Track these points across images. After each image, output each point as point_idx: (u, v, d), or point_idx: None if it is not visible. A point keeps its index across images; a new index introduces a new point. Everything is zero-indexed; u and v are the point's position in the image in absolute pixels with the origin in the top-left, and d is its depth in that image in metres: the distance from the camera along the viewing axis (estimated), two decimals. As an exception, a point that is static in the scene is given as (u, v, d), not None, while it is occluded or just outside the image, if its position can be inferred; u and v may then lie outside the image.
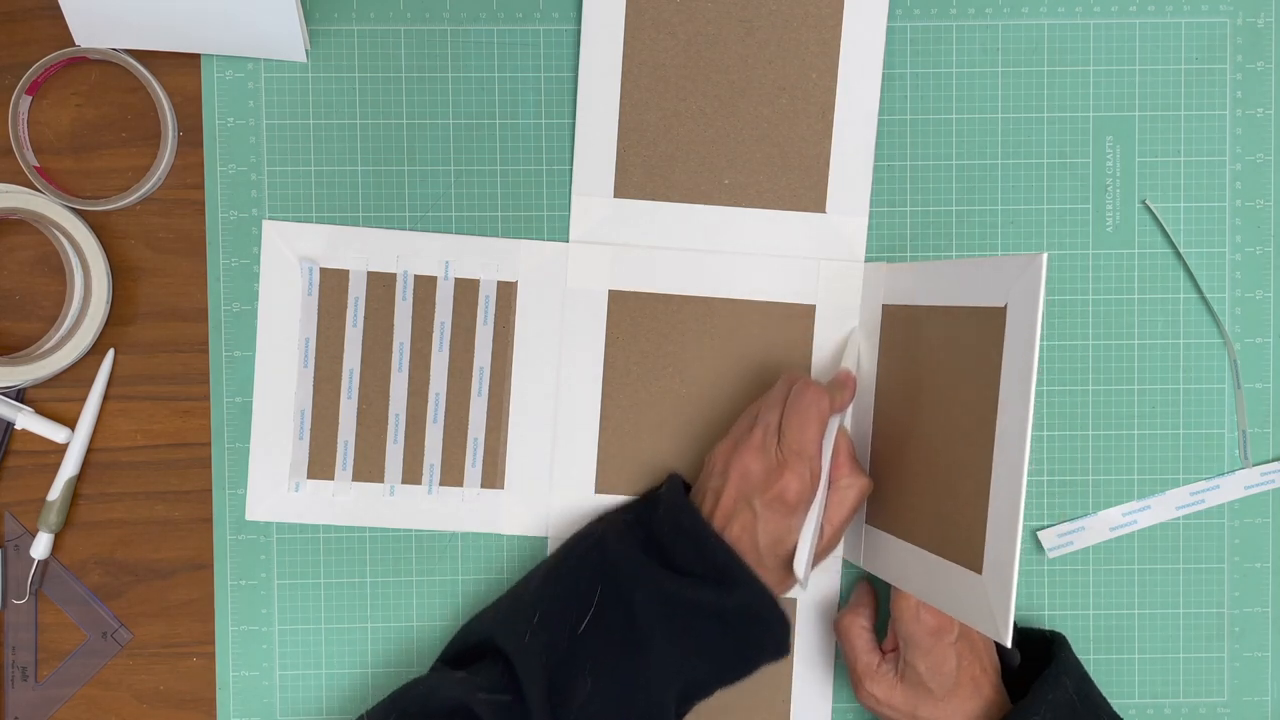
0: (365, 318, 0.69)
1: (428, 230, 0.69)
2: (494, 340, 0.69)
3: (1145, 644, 0.71)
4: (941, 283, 0.61)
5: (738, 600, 0.59)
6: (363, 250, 0.69)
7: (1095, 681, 0.65)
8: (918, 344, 0.63)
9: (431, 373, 0.69)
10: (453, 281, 0.69)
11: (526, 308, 0.69)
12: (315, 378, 0.69)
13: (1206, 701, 0.71)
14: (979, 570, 0.56)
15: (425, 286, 0.69)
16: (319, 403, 0.69)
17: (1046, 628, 0.69)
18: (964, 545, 0.57)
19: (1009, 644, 0.54)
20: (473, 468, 0.69)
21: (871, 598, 0.67)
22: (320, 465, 0.69)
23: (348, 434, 0.69)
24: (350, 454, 0.69)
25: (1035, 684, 0.62)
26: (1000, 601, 0.54)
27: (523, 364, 0.69)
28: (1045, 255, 0.53)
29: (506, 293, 0.69)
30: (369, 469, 0.69)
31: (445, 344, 0.69)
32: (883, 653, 0.65)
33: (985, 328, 0.57)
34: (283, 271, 0.68)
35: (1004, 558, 0.54)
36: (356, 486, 0.69)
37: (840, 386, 0.65)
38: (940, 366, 0.61)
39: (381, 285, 0.69)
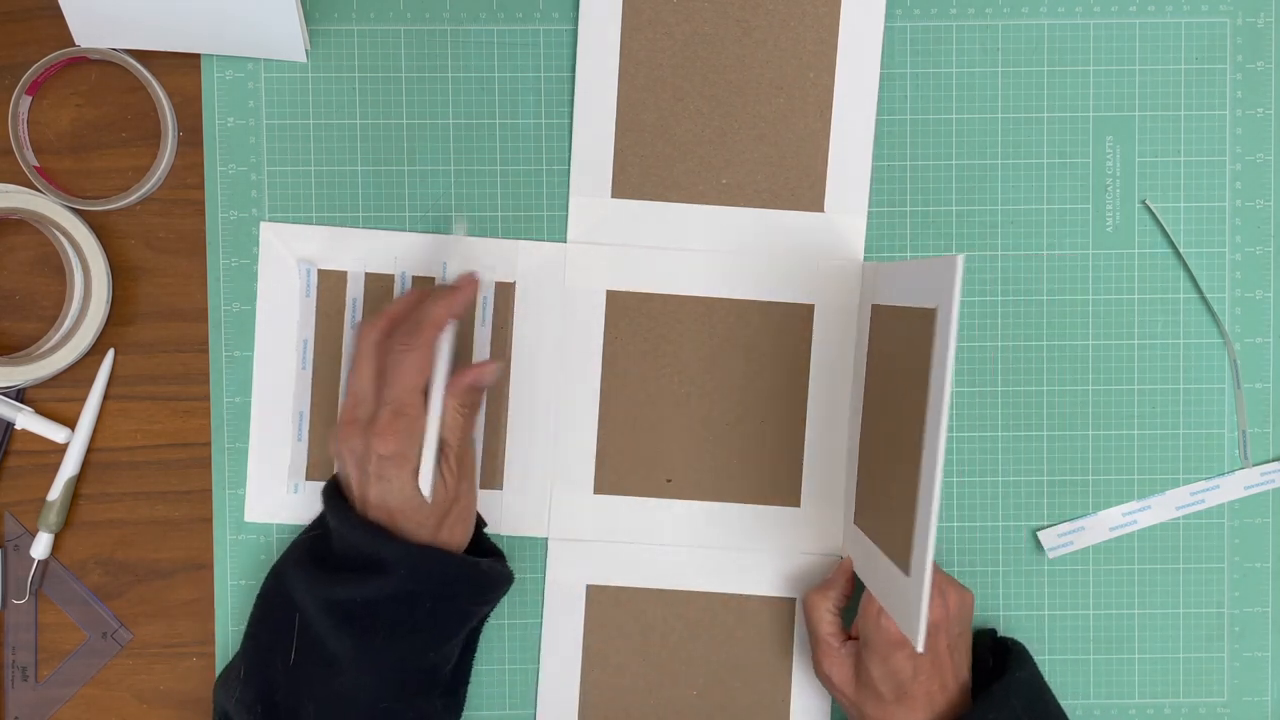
0: (362, 318, 0.69)
1: (427, 231, 0.69)
2: (492, 340, 0.69)
3: (1145, 644, 0.71)
4: (897, 283, 0.61)
5: (400, 582, 0.59)
6: (361, 251, 0.69)
7: (1054, 694, 0.65)
8: (885, 344, 0.63)
9: None
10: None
11: (525, 308, 0.69)
12: (313, 379, 0.69)
13: (1206, 701, 0.71)
14: (907, 571, 0.56)
15: (423, 287, 0.69)
16: (317, 404, 0.69)
17: (1010, 635, 0.69)
18: (900, 546, 0.57)
19: (920, 649, 0.53)
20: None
21: (845, 580, 0.66)
22: (319, 466, 0.69)
23: None
24: None
25: (977, 701, 0.62)
26: (915, 604, 0.53)
27: (521, 364, 0.69)
28: (962, 257, 0.52)
29: (505, 293, 0.69)
30: None
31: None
32: (845, 637, 0.65)
33: (922, 329, 0.57)
34: (281, 273, 0.68)
35: (921, 559, 0.53)
36: None
37: (451, 294, 0.63)
38: (892, 367, 0.61)
39: (380, 286, 0.68)
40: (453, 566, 0.61)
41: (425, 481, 0.60)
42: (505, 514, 0.69)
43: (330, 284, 0.69)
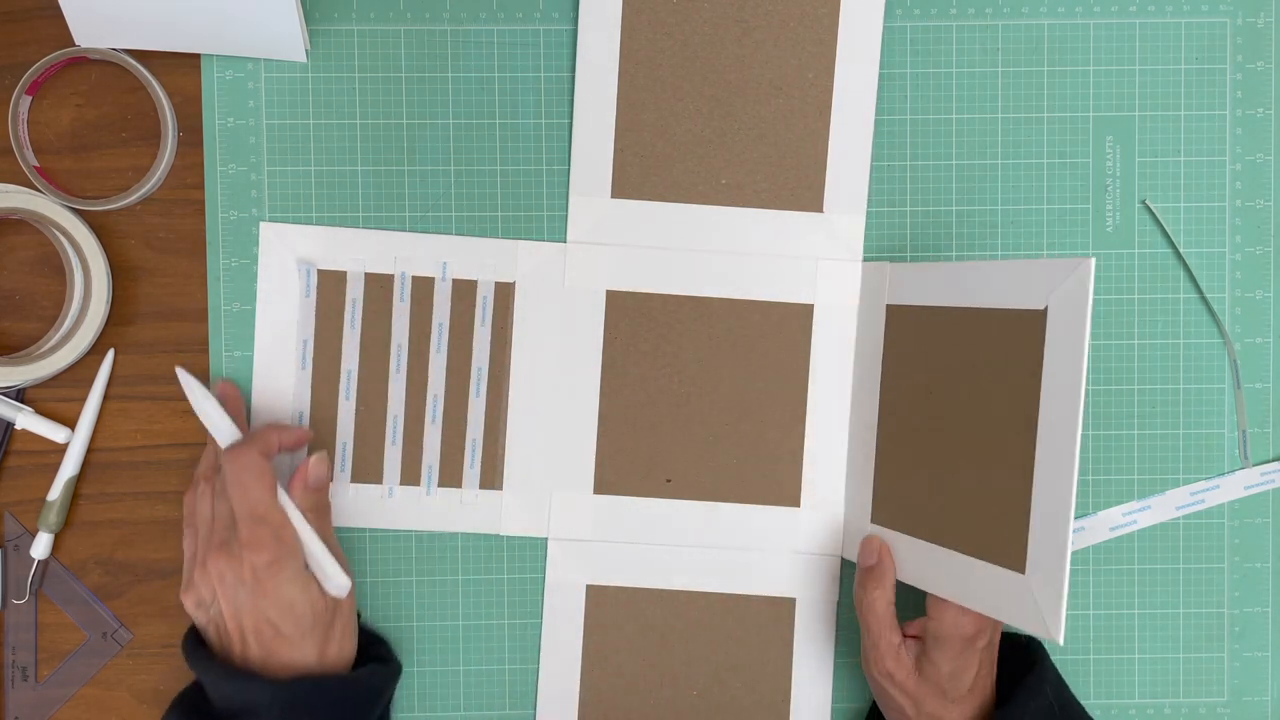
0: (363, 319, 0.69)
1: (427, 231, 0.69)
2: (492, 341, 0.69)
3: (1145, 644, 0.71)
4: (965, 284, 0.61)
5: None
6: (361, 252, 0.68)
7: (1072, 687, 0.65)
8: (936, 345, 0.63)
9: (430, 374, 0.69)
10: (450, 283, 0.69)
11: (524, 308, 0.69)
12: (313, 380, 0.69)
13: (1206, 701, 0.71)
14: (1022, 570, 0.56)
15: (423, 288, 0.69)
16: (317, 405, 0.69)
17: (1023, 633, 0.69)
18: (1003, 545, 0.57)
19: (1061, 642, 0.54)
20: (471, 469, 0.69)
21: (893, 567, 0.64)
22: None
23: (346, 436, 0.69)
24: (349, 456, 0.69)
25: (1019, 691, 0.62)
26: (1050, 600, 0.54)
27: (521, 365, 0.69)
28: (1092, 260, 0.53)
29: (504, 293, 0.69)
30: (367, 470, 0.69)
31: (443, 345, 0.69)
32: (904, 634, 0.63)
33: (1021, 329, 0.57)
34: (281, 273, 0.68)
35: (1053, 556, 0.54)
36: (355, 488, 0.69)
37: (263, 434, 0.62)
38: (964, 367, 0.61)
39: (379, 287, 0.68)
40: (331, 692, 0.58)
41: (335, 573, 0.58)
42: (505, 515, 0.69)
43: (330, 284, 0.69)
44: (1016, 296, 0.57)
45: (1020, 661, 0.65)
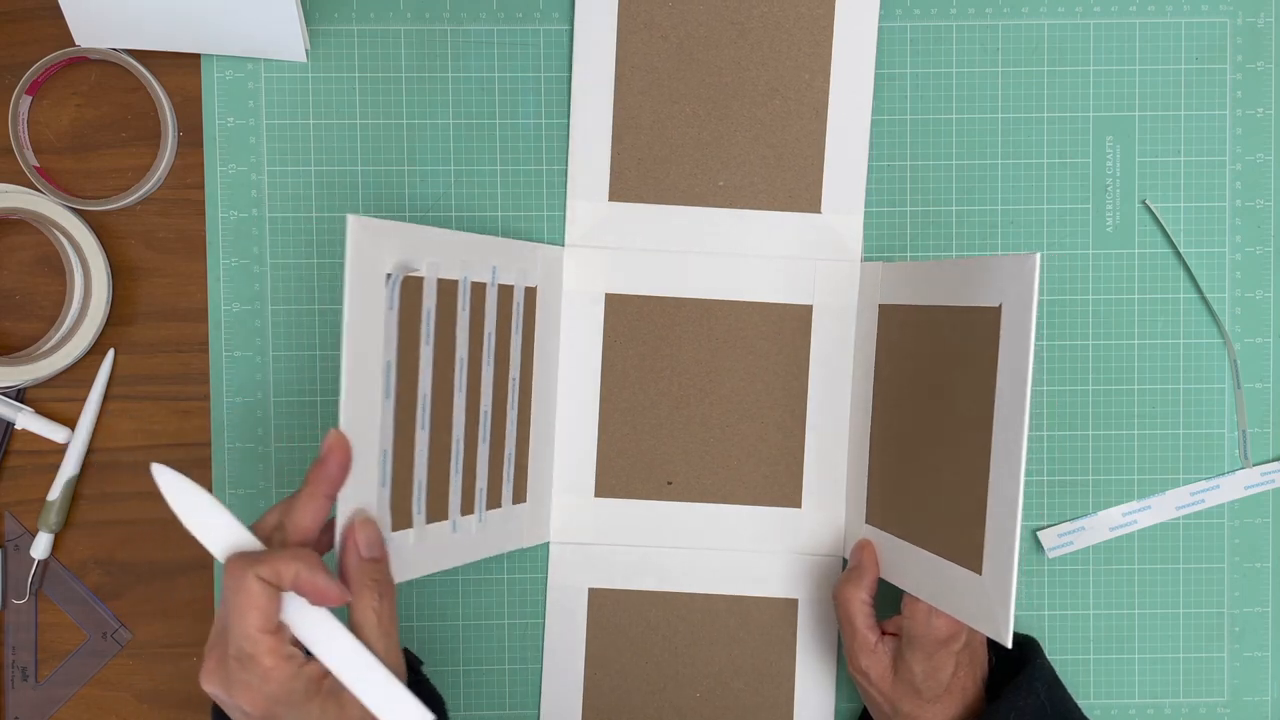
0: (435, 333, 0.59)
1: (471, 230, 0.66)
2: (522, 348, 0.66)
3: (1145, 644, 0.71)
4: (935, 282, 0.61)
5: None
6: (435, 253, 0.58)
7: (1067, 687, 0.65)
8: (914, 344, 0.63)
9: (482, 389, 0.63)
10: (497, 288, 0.63)
11: (540, 313, 0.68)
12: (396, 411, 0.56)
13: (1206, 701, 0.71)
14: (979, 570, 0.56)
15: (477, 294, 0.62)
16: (399, 440, 0.57)
17: (1020, 631, 0.69)
18: (964, 545, 0.57)
19: (1009, 645, 0.53)
20: (507, 485, 0.66)
21: (875, 567, 0.65)
22: (401, 514, 0.58)
23: (421, 472, 0.59)
24: (423, 494, 0.59)
25: (1006, 689, 0.62)
26: (1001, 602, 0.54)
27: (540, 371, 0.68)
28: (1039, 255, 0.53)
29: (530, 298, 0.67)
30: (437, 506, 0.60)
31: (491, 356, 0.63)
32: (881, 632, 0.64)
33: (979, 327, 0.57)
34: (371, 283, 0.54)
35: (1003, 557, 0.54)
36: (429, 530, 0.59)
37: (283, 561, 0.49)
38: (935, 366, 0.61)
39: (446, 294, 0.59)
40: None
41: (411, 712, 0.49)
42: (526, 528, 0.69)
43: (410, 293, 0.57)
44: (975, 294, 0.57)
45: (1016, 661, 0.65)
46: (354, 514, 0.53)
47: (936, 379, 0.61)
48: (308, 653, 0.50)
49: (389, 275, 0.55)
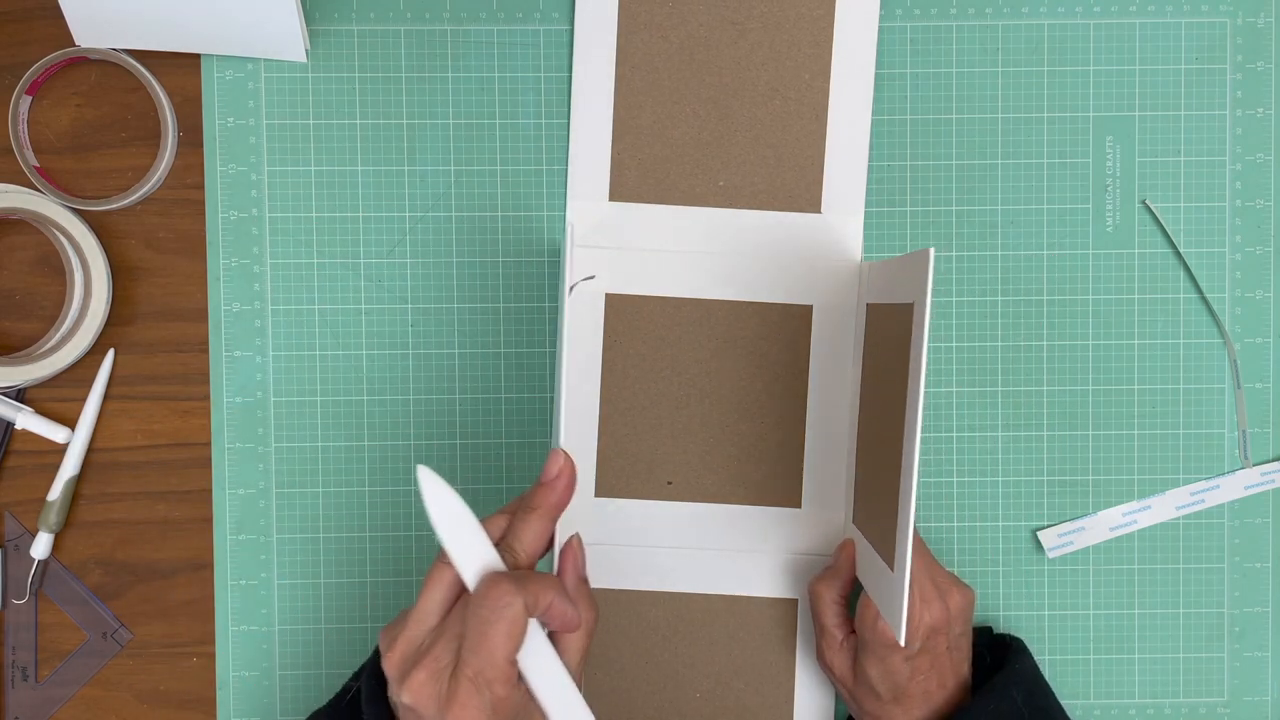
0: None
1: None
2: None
3: (1145, 644, 0.71)
4: (883, 281, 0.62)
5: None
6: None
7: (1053, 689, 0.65)
8: (877, 342, 0.63)
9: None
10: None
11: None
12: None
13: (1206, 701, 0.71)
14: (893, 567, 0.56)
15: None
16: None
17: (1008, 632, 0.69)
18: (887, 542, 0.57)
19: (903, 643, 0.53)
20: None
21: (849, 565, 0.65)
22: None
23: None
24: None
25: (978, 694, 0.61)
26: (898, 598, 0.54)
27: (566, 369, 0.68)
28: (931, 250, 0.52)
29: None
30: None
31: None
32: (849, 629, 0.65)
33: (902, 324, 0.57)
34: (575, 293, 0.55)
35: (901, 553, 0.54)
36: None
37: (542, 587, 0.50)
38: (885, 364, 0.61)
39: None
40: None
41: None
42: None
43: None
44: (901, 291, 0.58)
45: (1002, 664, 0.64)
46: (572, 535, 0.54)
47: (884, 377, 0.61)
48: None
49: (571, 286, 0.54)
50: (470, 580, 0.50)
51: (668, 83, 0.68)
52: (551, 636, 0.52)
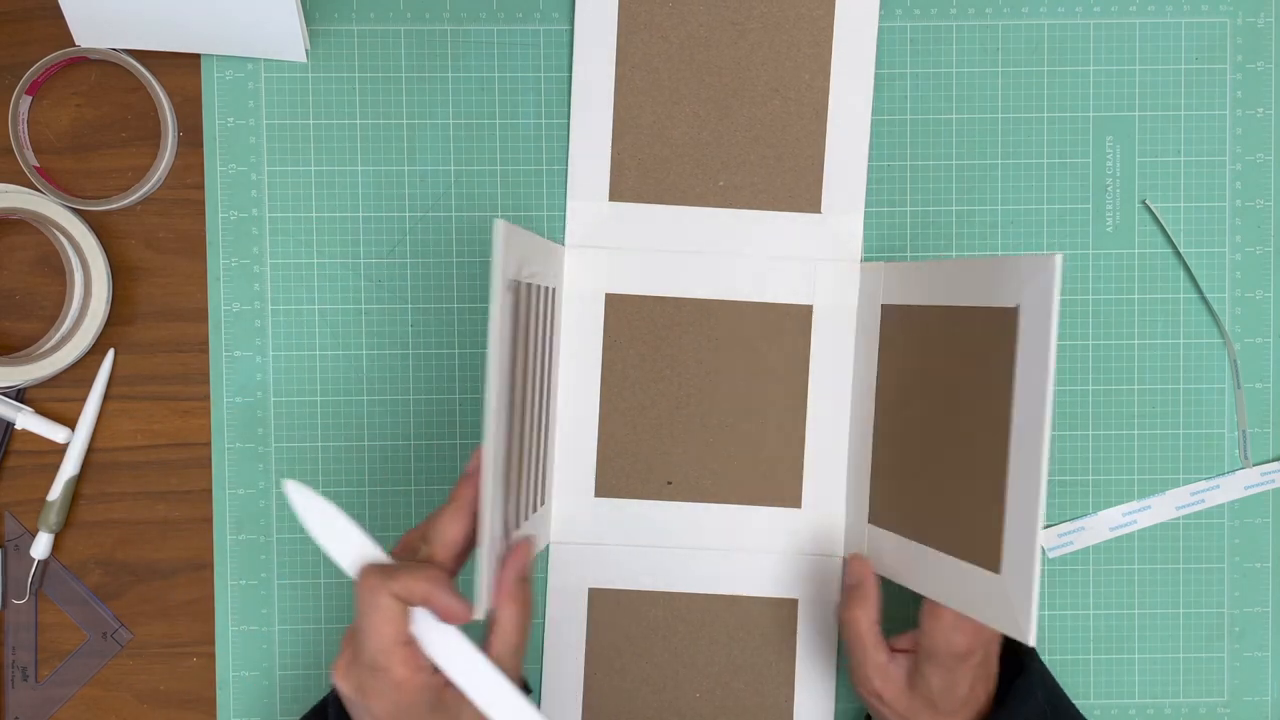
0: (526, 340, 0.61)
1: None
2: (552, 351, 0.67)
3: (1145, 644, 0.71)
4: (947, 282, 0.61)
5: None
6: (530, 256, 0.59)
7: (1068, 688, 0.65)
8: (923, 344, 0.63)
9: (539, 393, 0.65)
10: (542, 290, 0.64)
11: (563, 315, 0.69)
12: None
13: (1206, 701, 0.71)
14: (997, 570, 0.55)
15: (541, 297, 0.63)
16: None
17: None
18: (980, 545, 0.57)
19: (1032, 643, 0.53)
20: (539, 488, 0.66)
21: (876, 587, 0.64)
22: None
23: (511, 481, 0.60)
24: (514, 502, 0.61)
25: (1009, 697, 0.61)
26: (1022, 601, 0.53)
27: (565, 372, 0.69)
28: (1060, 256, 0.52)
29: (552, 299, 0.66)
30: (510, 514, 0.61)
31: (543, 359, 0.65)
32: (890, 650, 0.62)
33: (995, 328, 0.56)
34: (506, 291, 0.52)
35: (1024, 556, 0.53)
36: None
37: (413, 578, 0.51)
38: (947, 366, 0.61)
39: (531, 299, 0.61)
40: None
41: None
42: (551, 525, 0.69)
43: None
44: (991, 294, 0.57)
45: (1013, 666, 0.64)
46: (527, 537, 0.56)
47: (946, 379, 0.60)
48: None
49: (513, 282, 0.54)
50: (351, 575, 0.53)
51: (668, 83, 0.68)
52: (488, 627, 0.53)
